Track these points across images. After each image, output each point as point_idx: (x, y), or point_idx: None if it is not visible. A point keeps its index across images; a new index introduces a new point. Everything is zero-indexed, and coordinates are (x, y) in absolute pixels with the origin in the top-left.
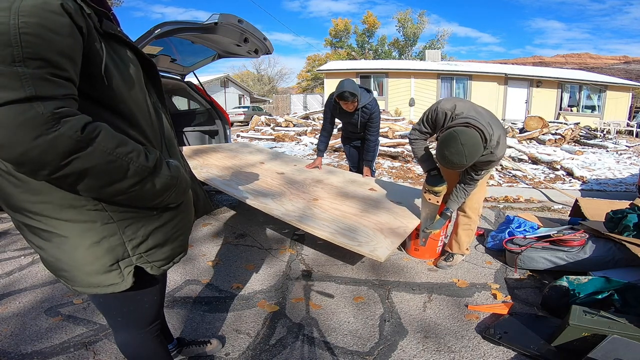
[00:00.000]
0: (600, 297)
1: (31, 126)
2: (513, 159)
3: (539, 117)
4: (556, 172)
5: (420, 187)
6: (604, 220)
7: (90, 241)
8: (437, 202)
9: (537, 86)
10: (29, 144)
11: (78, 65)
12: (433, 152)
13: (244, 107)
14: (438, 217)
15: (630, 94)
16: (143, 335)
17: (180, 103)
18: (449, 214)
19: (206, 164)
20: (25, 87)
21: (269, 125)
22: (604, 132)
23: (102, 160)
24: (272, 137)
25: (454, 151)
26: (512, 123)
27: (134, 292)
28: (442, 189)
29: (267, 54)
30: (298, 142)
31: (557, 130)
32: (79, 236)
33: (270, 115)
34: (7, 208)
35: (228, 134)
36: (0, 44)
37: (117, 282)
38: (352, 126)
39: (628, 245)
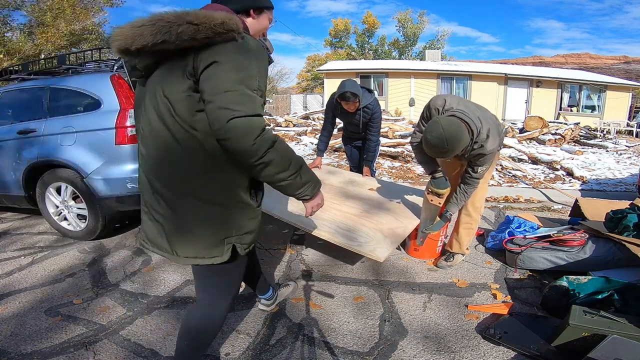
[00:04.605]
0: (600, 297)
1: (259, 130)
2: (513, 159)
3: (539, 117)
4: (556, 172)
5: (420, 187)
6: (604, 220)
7: (219, 220)
8: (439, 203)
9: (537, 86)
10: (256, 140)
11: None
12: None
13: None
14: (438, 218)
15: (630, 94)
16: (230, 306)
17: None
18: (448, 216)
19: None
20: (258, 107)
21: (269, 125)
22: (604, 132)
23: (279, 154)
24: None
25: (435, 135)
26: (512, 123)
27: (230, 264)
28: (446, 191)
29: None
30: (298, 142)
31: (557, 130)
32: (217, 215)
33: (270, 115)
34: (167, 182)
35: None
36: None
37: (220, 255)
38: (353, 126)
39: (628, 245)
